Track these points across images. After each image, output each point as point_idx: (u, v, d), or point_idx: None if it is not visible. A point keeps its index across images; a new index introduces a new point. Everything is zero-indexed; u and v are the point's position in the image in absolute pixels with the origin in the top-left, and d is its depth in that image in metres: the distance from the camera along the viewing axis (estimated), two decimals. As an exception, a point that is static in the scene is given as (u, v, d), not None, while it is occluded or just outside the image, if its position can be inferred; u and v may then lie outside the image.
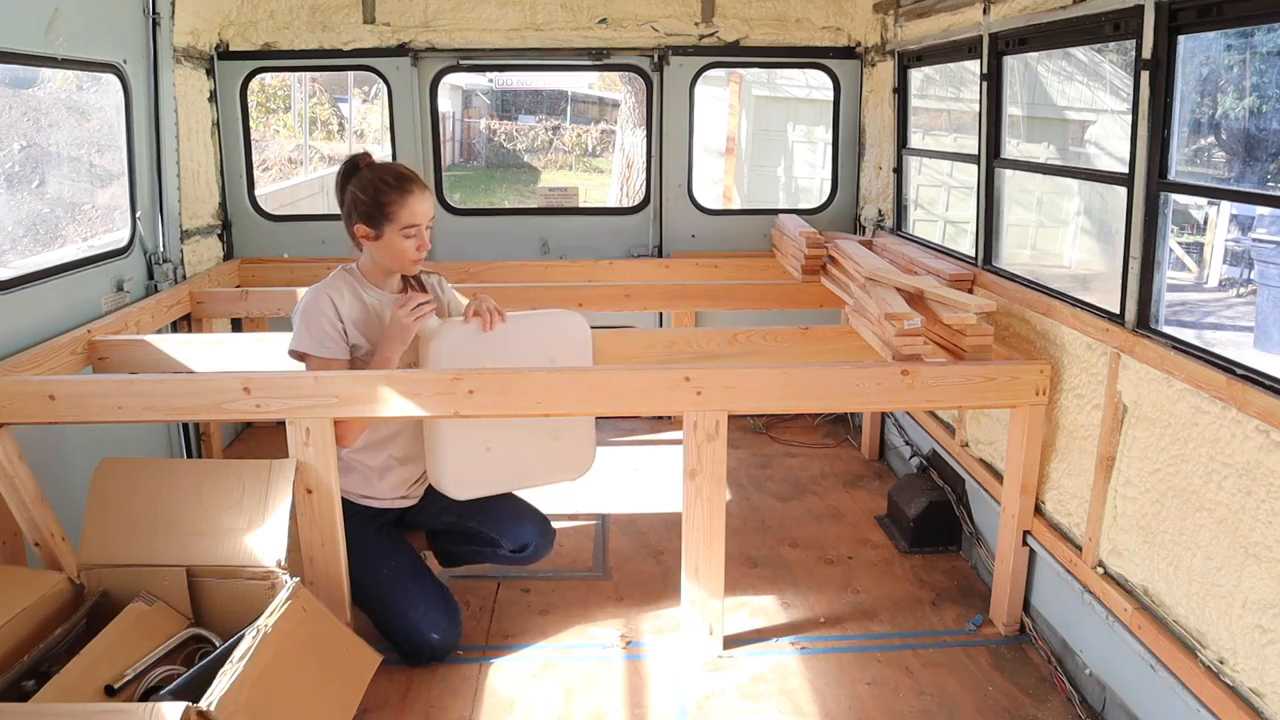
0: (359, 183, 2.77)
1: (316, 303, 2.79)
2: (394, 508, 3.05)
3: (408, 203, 2.73)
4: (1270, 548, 2.10)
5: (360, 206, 2.76)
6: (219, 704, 2.08)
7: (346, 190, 2.80)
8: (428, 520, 3.14)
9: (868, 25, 4.74)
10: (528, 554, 3.10)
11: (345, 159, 2.88)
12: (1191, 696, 2.30)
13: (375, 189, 2.74)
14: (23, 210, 7.62)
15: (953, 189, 8.58)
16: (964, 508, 3.67)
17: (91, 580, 2.66)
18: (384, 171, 2.78)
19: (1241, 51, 7.43)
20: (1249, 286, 8.86)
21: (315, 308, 2.78)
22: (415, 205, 2.74)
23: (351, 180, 2.80)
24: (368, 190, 2.74)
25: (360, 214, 2.76)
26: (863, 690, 2.86)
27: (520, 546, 3.09)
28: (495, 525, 3.08)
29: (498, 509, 3.09)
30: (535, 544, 3.09)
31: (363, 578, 2.93)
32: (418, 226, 2.76)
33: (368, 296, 2.85)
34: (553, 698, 2.83)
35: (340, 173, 2.85)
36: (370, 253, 2.83)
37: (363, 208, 2.75)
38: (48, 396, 2.75)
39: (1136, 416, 2.59)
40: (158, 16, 3.96)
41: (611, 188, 11.28)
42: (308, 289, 2.87)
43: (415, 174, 2.81)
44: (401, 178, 2.76)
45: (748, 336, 3.52)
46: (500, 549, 3.10)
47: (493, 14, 4.72)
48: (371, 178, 2.75)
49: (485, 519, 3.09)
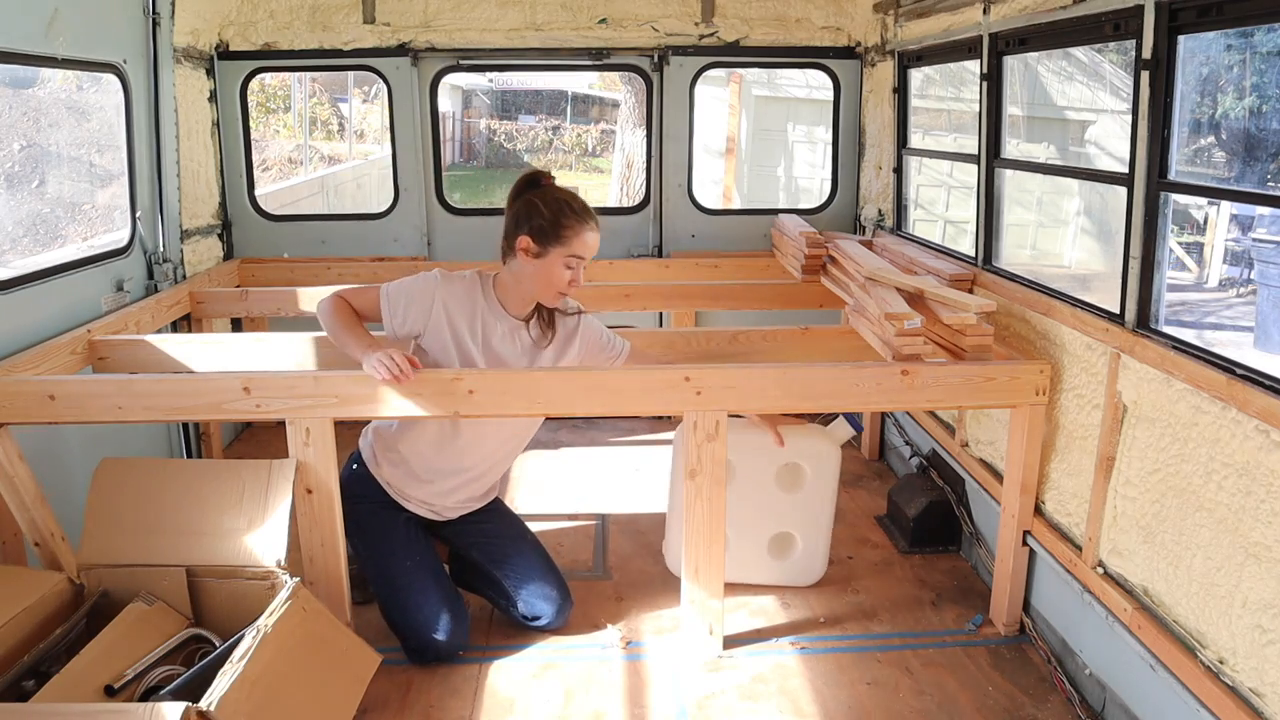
0: (542, 198, 2.74)
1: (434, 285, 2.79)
2: (419, 514, 3.05)
3: (584, 234, 2.72)
4: (1270, 548, 2.10)
5: (536, 220, 2.71)
6: (219, 704, 2.08)
7: (521, 199, 2.77)
8: (457, 545, 3.15)
9: (868, 25, 4.74)
10: (539, 624, 3.09)
11: (526, 171, 2.86)
12: (1191, 696, 2.30)
13: (559, 209, 2.71)
14: (23, 210, 7.62)
15: (953, 189, 8.58)
16: (964, 508, 3.67)
17: (91, 580, 2.66)
18: (570, 197, 2.77)
19: (1241, 51, 7.43)
20: (1249, 286, 8.86)
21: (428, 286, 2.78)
22: (589, 238, 2.73)
23: (531, 191, 2.77)
24: (551, 207, 2.71)
25: (532, 228, 2.71)
26: (863, 690, 2.86)
27: (534, 616, 3.07)
28: (516, 584, 3.06)
29: (527, 569, 3.08)
30: (549, 618, 3.07)
31: (382, 565, 2.94)
32: (582, 260, 2.75)
33: (485, 310, 2.84)
34: (553, 698, 2.83)
35: (520, 182, 2.82)
36: (521, 269, 2.77)
37: (539, 222, 2.71)
38: (48, 396, 2.75)
39: (1136, 416, 2.59)
40: (158, 16, 3.96)
41: (611, 188, 11.26)
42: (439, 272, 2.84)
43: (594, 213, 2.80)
44: (586, 209, 2.76)
45: (748, 336, 3.52)
46: (513, 608, 3.09)
47: (493, 14, 4.72)
48: (557, 198, 2.74)
49: (509, 573, 3.07)
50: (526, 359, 2.92)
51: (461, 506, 3.10)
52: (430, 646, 2.90)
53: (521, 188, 2.81)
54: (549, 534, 3.84)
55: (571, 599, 3.14)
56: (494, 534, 3.13)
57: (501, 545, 3.10)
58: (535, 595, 3.06)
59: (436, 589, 2.91)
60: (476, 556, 3.10)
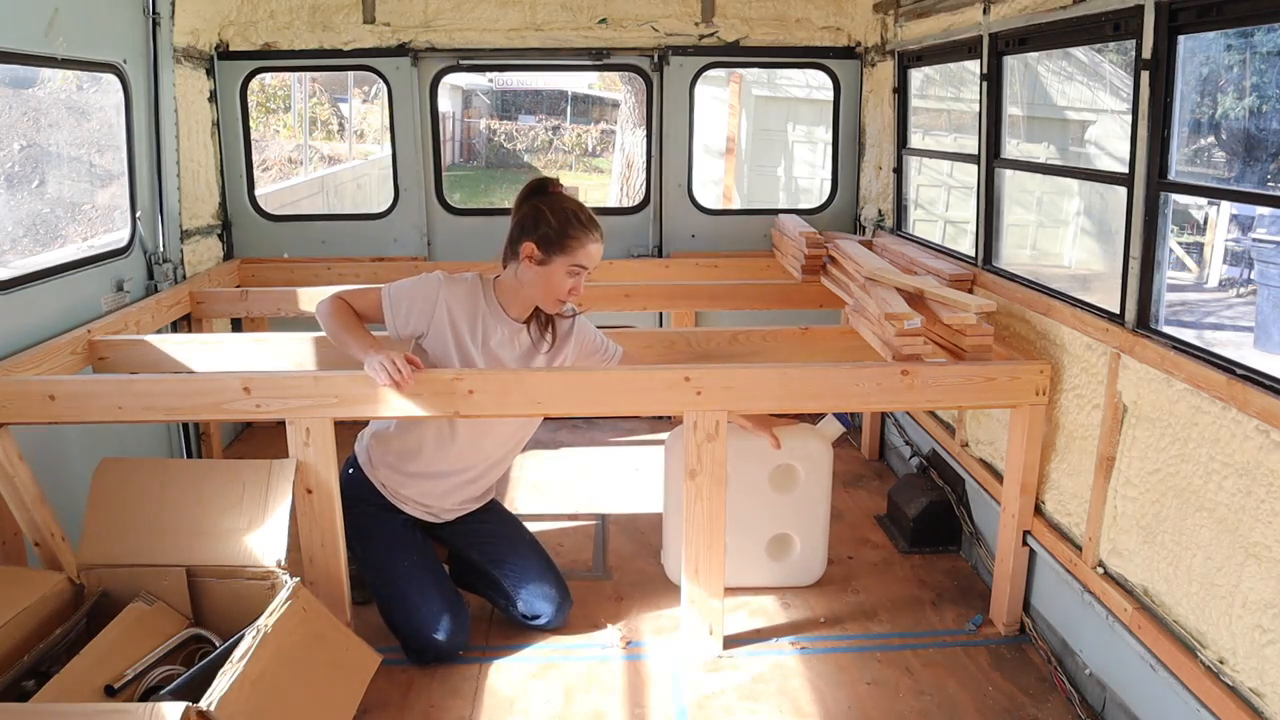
0: (550, 206, 2.75)
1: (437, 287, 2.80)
2: (414, 516, 3.05)
3: (588, 245, 2.74)
4: (1270, 548, 2.10)
5: (543, 228, 2.73)
6: (219, 704, 2.08)
7: (529, 205, 2.78)
8: (455, 545, 3.15)
9: (868, 25, 4.74)
10: (539, 624, 3.09)
11: (536, 178, 2.88)
12: (1191, 696, 2.30)
13: (566, 219, 2.73)
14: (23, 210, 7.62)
15: (953, 189, 8.58)
16: (964, 508, 3.67)
17: (91, 580, 2.66)
18: (578, 208, 2.79)
19: (1241, 51, 7.43)
20: (1249, 286, 8.86)
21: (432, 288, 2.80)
22: (594, 249, 2.75)
23: (539, 198, 2.79)
24: (558, 216, 2.73)
25: (538, 235, 2.73)
26: (863, 690, 2.86)
27: (534, 615, 3.08)
28: (515, 583, 3.06)
29: (526, 568, 3.08)
30: (549, 617, 3.07)
31: (382, 567, 2.94)
32: (585, 270, 2.77)
33: (486, 312, 2.85)
34: (553, 698, 2.83)
35: (528, 188, 2.85)
36: (523, 274, 2.79)
37: (545, 230, 2.72)
38: (48, 396, 2.75)
39: (1136, 416, 2.59)
40: (158, 16, 3.96)
41: (611, 188, 11.27)
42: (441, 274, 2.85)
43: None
44: (593, 221, 2.78)
45: (748, 336, 3.52)
46: (513, 607, 3.09)
47: (493, 14, 4.72)
48: (565, 208, 2.75)
49: (509, 572, 3.07)
50: (524, 361, 2.94)
51: (459, 508, 3.10)
52: (431, 647, 2.90)
53: (529, 193, 2.82)
54: (549, 534, 3.84)
55: (571, 598, 3.14)
56: (492, 534, 3.13)
57: (500, 545, 3.11)
58: (535, 594, 3.06)
59: (436, 589, 2.91)
60: (475, 557, 3.10)
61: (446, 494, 3.05)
